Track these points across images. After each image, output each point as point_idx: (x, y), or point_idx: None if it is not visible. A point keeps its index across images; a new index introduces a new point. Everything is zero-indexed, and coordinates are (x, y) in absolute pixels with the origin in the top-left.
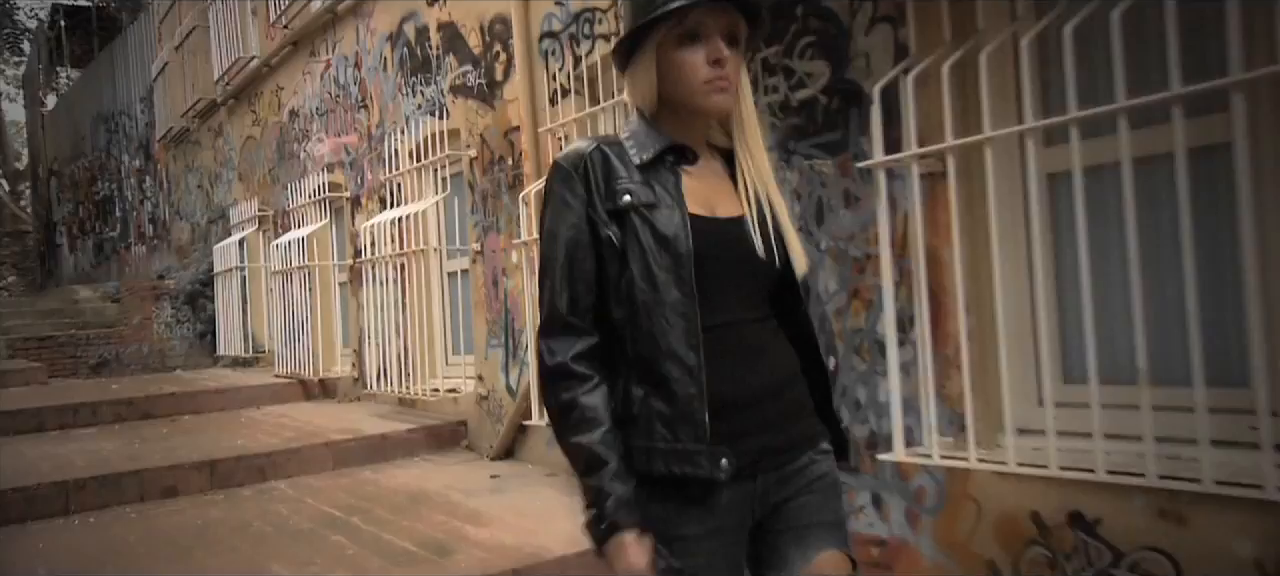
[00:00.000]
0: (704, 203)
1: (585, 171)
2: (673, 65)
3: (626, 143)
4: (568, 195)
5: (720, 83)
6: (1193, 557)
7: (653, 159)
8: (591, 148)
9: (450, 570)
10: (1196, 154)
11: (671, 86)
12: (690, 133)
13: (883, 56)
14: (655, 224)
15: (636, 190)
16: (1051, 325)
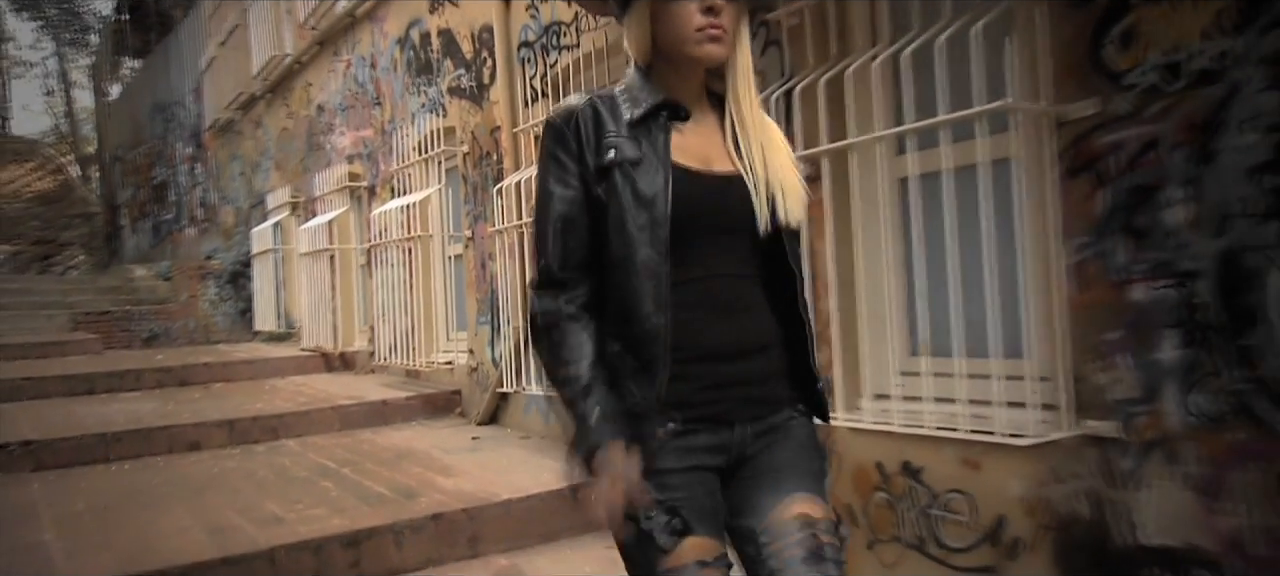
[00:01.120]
0: (697, 156)
1: (576, 127)
2: (666, 13)
3: (620, 96)
4: (560, 152)
5: (712, 31)
6: (985, 496)
7: (644, 115)
8: (583, 103)
9: (411, 509)
10: (997, 165)
11: (665, 36)
12: (686, 84)
13: (774, 76)
14: (636, 182)
15: (623, 146)
16: (899, 306)
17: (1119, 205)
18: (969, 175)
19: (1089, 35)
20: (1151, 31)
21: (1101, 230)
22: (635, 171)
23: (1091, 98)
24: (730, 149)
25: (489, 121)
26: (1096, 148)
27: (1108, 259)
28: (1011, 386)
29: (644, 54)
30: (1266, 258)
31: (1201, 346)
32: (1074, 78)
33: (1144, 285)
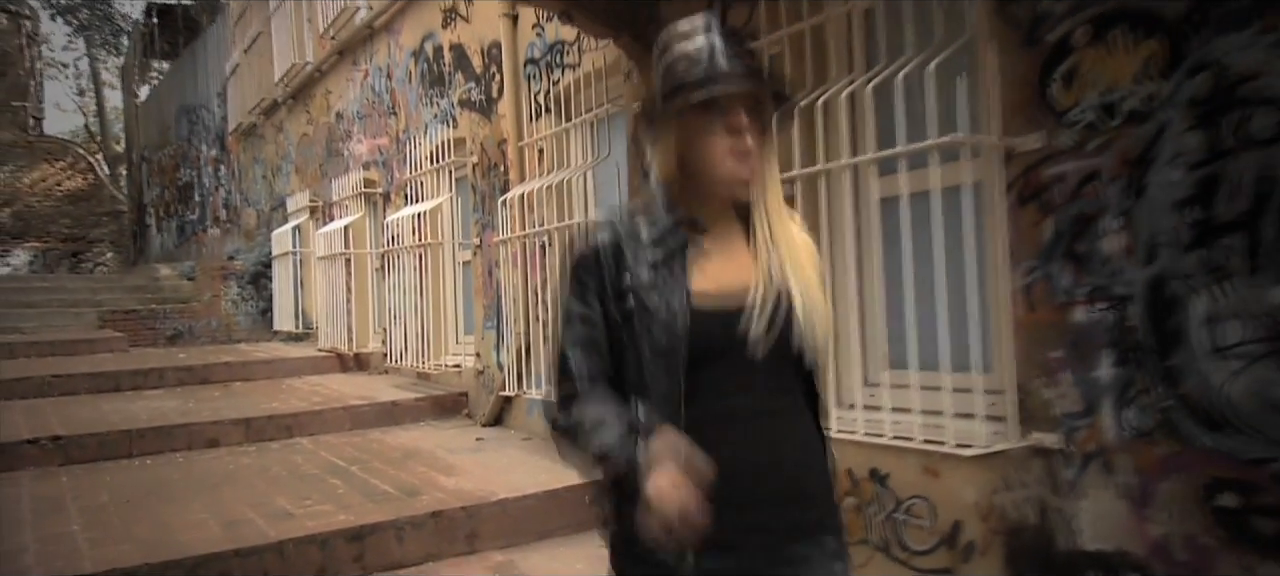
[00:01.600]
0: (716, 280)
1: (597, 259)
2: (692, 135)
3: (641, 217)
4: (583, 277)
5: (738, 152)
6: (943, 502)
7: (661, 235)
8: (606, 232)
9: (413, 507)
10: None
11: (690, 156)
12: (710, 203)
13: None
14: (652, 313)
15: (640, 277)
16: (869, 321)
17: (1063, 232)
18: (927, 201)
19: (1036, 74)
20: (1090, 72)
21: (1047, 255)
22: (651, 302)
23: (1038, 132)
24: (756, 265)
25: (497, 134)
26: (1043, 178)
27: (1053, 282)
28: (964, 399)
29: (670, 173)
30: (1189, 285)
31: (1134, 365)
32: (1023, 113)
33: (1084, 307)
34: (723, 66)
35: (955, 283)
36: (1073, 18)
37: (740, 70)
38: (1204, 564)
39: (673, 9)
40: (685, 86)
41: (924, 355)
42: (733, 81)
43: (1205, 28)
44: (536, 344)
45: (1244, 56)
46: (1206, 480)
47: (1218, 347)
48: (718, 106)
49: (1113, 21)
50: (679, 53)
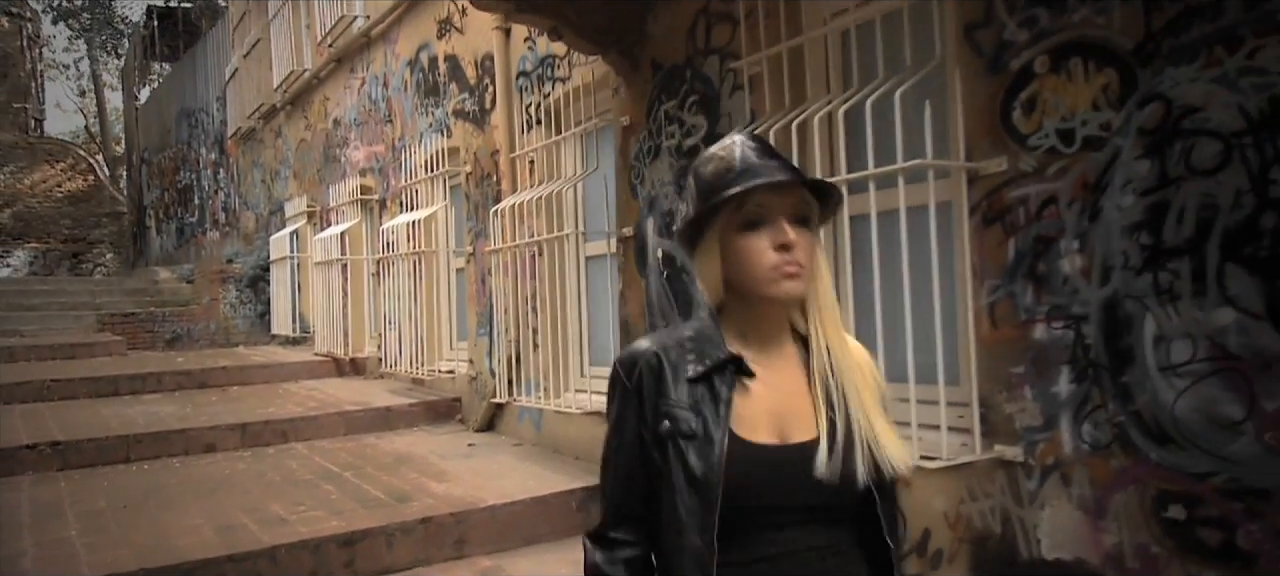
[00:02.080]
0: (771, 421)
1: (639, 382)
2: (737, 252)
3: (687, 346)
4: (624, 401)
5: (788, 268)
6: (914, 511)
7: (707, 372)
8: (649, 354)
9: (403, 513)
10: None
11: (737, 274)
12: (763, 324)
13: (740, 117)
14: (687, 460)
15: (679, 416)
16: None
17: (1024, 253)
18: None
19: (1000, 100)
20: (1050, 100)
21: (1010, 274)
22: (688, 448)
23: (1001, 156)
24: (812, 390)
25: (489, 144)
26: (1006, 201)
27: (1015, 300)
28: (931, 411)
29: (716, 294)
30: (1141, 305)
31: (1090, 382)
32: (987, 137)
33: (1044, 325)
34: (754, 162)
35: (922, 299)
36: (1034, 47)
37: (774, 166)
38: (1153, 572)
39: (659, 26)
40: (718, 189)
41: (893, 369)
42: (765, 175)
43: (1155, 61)
44: (527, 352)
45: (1189, 90)
46: (1156, 492)
47: (1166, 366)
48: (761, 220)
49: (1071, 52)
50: (709, 161)
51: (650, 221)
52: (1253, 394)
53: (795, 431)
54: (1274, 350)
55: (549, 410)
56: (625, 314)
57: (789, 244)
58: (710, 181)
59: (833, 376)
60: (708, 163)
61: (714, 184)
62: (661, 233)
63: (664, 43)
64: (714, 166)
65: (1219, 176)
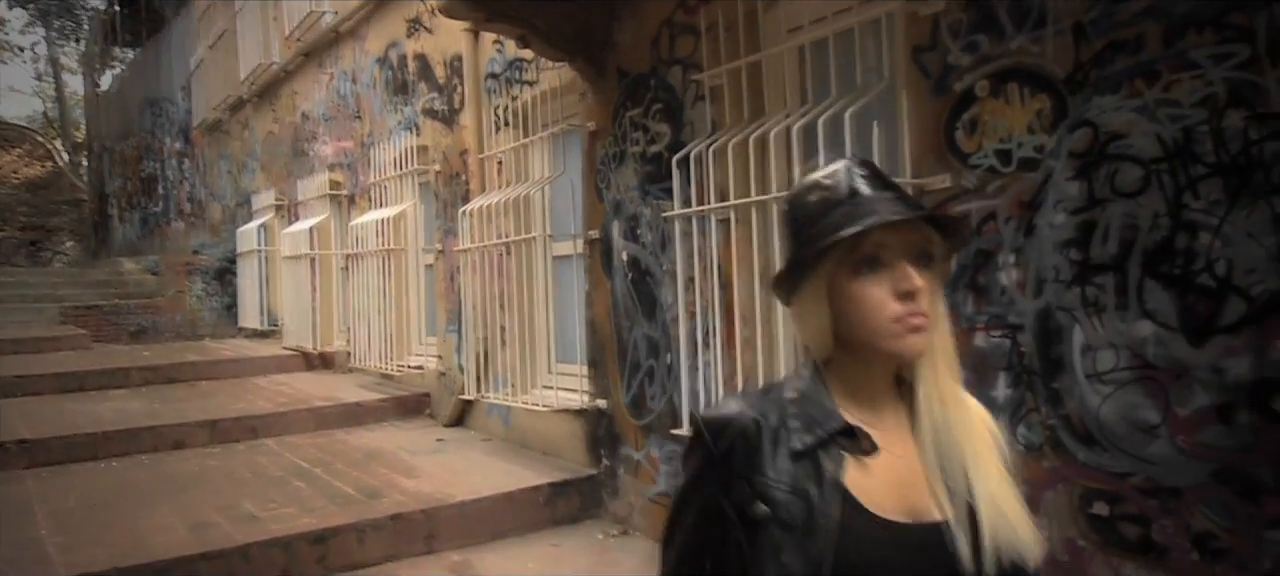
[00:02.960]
0: (895, 493)
1: (728, 450)
2: (850, 300)
3: (789, 410)
4: (705, 468)
5: (914, 320)
6: None
7: (814, 446)
8: (744, 419)
9: (374, 509)
10: None
11: (850, 325)
12: (876, 381)
13: (702, 127)
14: (782, 556)
15: (778, 499)
16: None
17: (966, 265)
18: None
19: (944, 121)
20: (990, 122)
21: (953, 285)
22: (785, 541)
23: (946, 173)
24: (929, 469)
25: (459, 144)
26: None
27: (957, 310)
28: None
29: (823, 348)
30: (1071, 317)
31: (1025, 387)
32: (932, 155)
33: (984, 333)
34: (867, 193)
35: None
36: (975, 71)
37: (890, 198)
38: (1080, 564)
39: (625, 35)
40: (824, 225)
41: None
42: (882, 210)
43: (1084, 89)
44: (496, 349)
45: (1115, 117)
46: (1082, 490)
47: (1092, 373)
48: (879, 262)
49: (1009, 77)
50: (812, 190)
51: (616, 225)
52: (1167, 400)
53: (926, 507)
54: (1186, 360)
55: (517, 406)
56: (592, 314)
57: (914, 291)
58: (815, 215)
59: (950, 441)
60: (810, 192)
61: (820, 219)
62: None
63: (630, 51)
64: (819, 198)
65: (1139, 199)
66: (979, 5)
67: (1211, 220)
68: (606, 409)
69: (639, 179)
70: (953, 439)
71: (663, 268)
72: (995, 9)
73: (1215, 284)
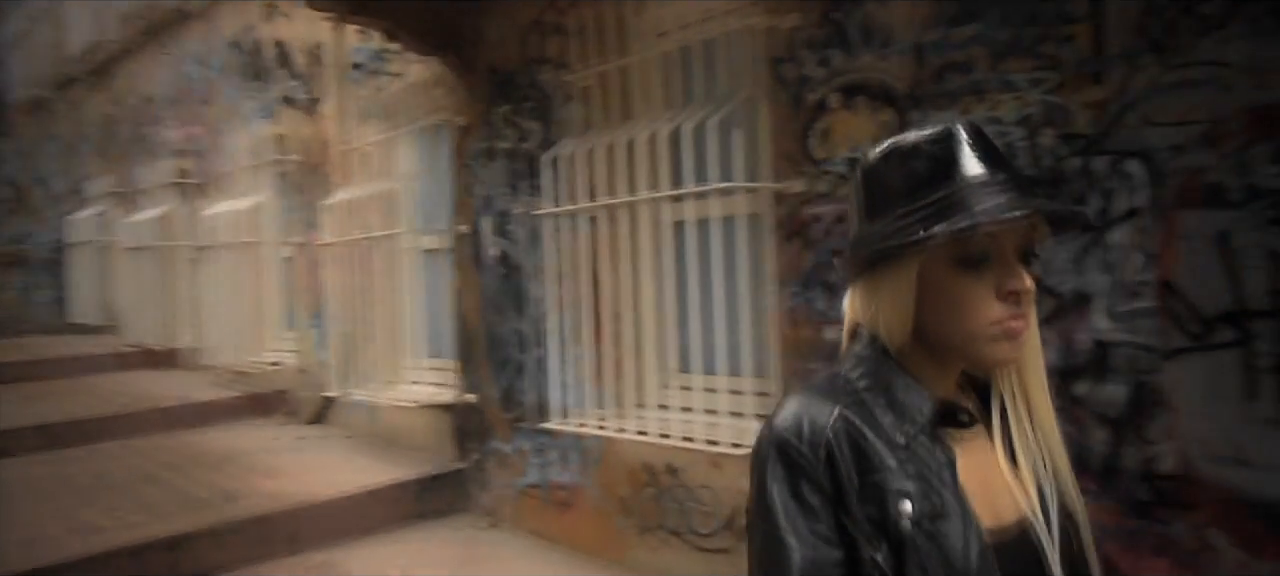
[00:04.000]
0: (980, 496)
1: (829, 458)
2: (946, 296)
3: (871, 400)
4: (805, 490)
5: (1014, 325)
6: (725, 491)
7: (917, 431)
8: (834, 417)
9: (232, 512)
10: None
11: (938, 321)
12: (946, 378)
13: (573, 127)
14: (943, 545)
15: (914, 493)
16: (664, 333)
17: (820, 263)
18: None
19: (801, 129)
20: (840, 131)
21: (807, 282)
22: (937, 529)
23: (801, 178)
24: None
25: (320, 135)
26: (805, 218)
27: (811, 304)
28: (740, 400)
29: (902, 338)
30: None
31: None
32: (790, 161)
33: (835, 327)
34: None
35: (733, 301)
36: (828, 84)
37: (1005, 182)
38: None
39: (494, 32)
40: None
41: (707, 362)
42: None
43: (923, 104)
44: (361, 344)
45: None
46: None
47: None
48: (987, 256)
49: (857, 90)
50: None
51: (486, 221)
52: None
53: (1006, 510)
54: None
55: (383, 402)
56: (462, 309)
57: (1022, 293)
58: (913, 188)
59: (1047, 450)
60: (911, 158)
61: (920, 195)
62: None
63: (500, 48)
64: (922, 169)
65: None
66: (831, 23)
67: None
68: (476, 403)
69: (509, 176)
70: (1049, 445)
71: (533, 264)
72: (846, 27)
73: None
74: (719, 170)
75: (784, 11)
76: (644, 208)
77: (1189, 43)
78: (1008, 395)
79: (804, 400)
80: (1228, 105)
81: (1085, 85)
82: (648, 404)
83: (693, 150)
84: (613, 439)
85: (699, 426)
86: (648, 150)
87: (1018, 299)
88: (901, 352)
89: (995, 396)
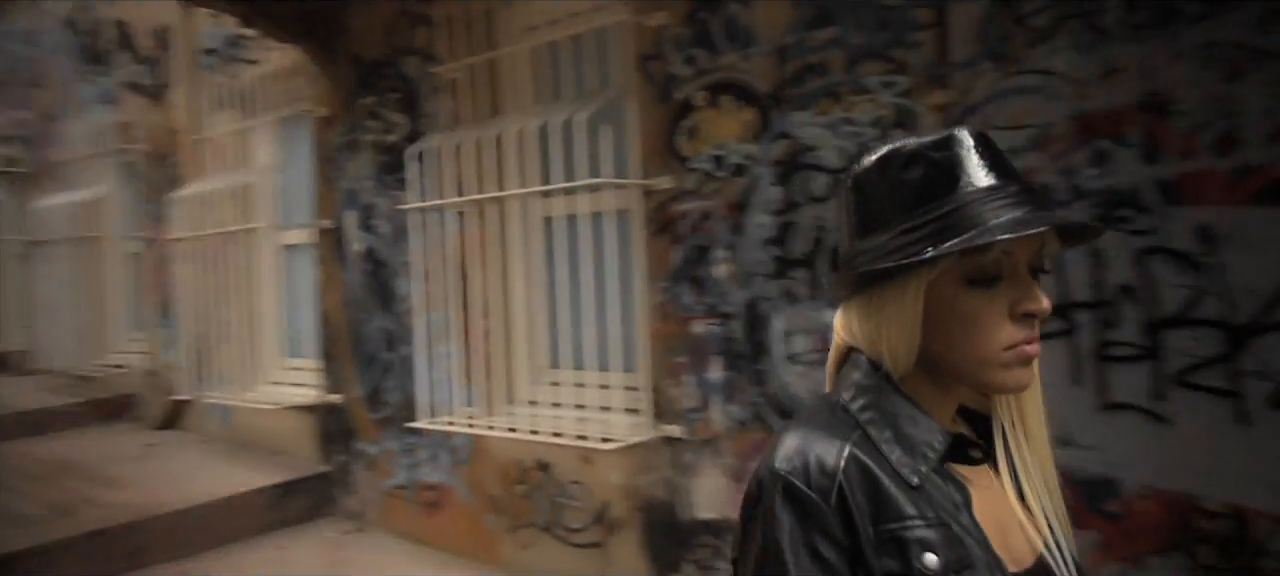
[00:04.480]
0: (995, 539)
1: (841, 503)
2: (955, 316)
3: (877, 434)
4: (820, 544)
5: (1029, 349)
6: (596, 486)
7: (931, 467)
8: (841, 457)
9: (64, 528)
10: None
11: (946, 344)
12: (946, 405)
13: (440, 120)
14: None
15: (936, 542)
16: (535, 328)
17: (687, 259)
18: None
19: (668, 127)
20: (706, 130)
21: (675, 277)
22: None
23: (669, 175)
24: (1018, 508)
25: (169, 123)
26: (673, 214)
27: (679, 300)
28: (609, 395)
29: (907, 363)
30: (773, 306)
31: (735, 370)
32: (658, 158)
33: (702, 322)
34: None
35: (603, 297)
36: (694, 83)
37: (1018, 194)
38: None
39: (358, 21)
40: (931, 213)
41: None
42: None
43: (784, 105)
44: (215, 344)
45: (808, 131)
46: None
47: (790, 356)
48: (1000, 274)
49: (723, 89)
50: (916, 162)
51: (350, 216)
52: None
53: (1021, 551)
54: None
55: (240, 405)
56: (325, 307)
57: (1039, 313)
58: (916, 199)
59: (1048, 492)
60: (911, 165)
61: (923, 207)
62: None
63: (364, 37)
64: (923, 177)
65: (827, 203)
66: (697, 22)
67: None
68: (341, 403)
69: (374, 169)
70: (1046, 484)
71: (399, 260)
72: (711, 27)
73: None
74: (588, 166)
75: (651, 9)
76: (513, 203)
77: (1022, 52)
78: (1008, 424)
79: (805, 436)
80: (1055, 112)
81: (931, 90)
82: (518, 401)
83: (562, 146)
84: (483, 437)
85: (569, 422)
86: (517, 145)
87: (1033, 320)
88: (903, 380)
89: (997, 426)
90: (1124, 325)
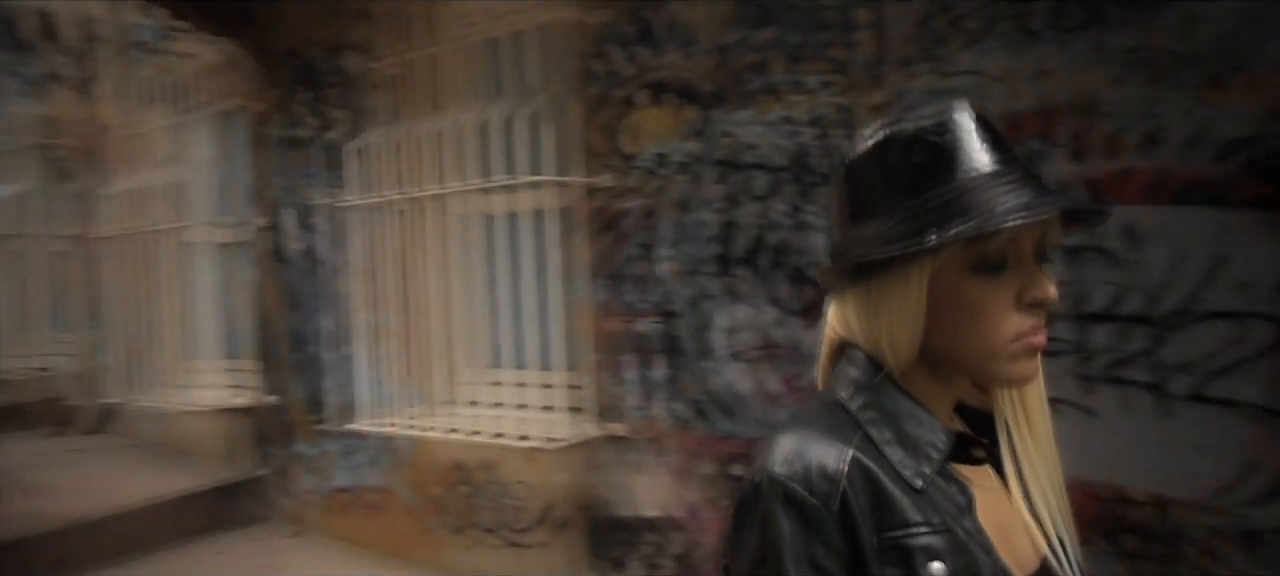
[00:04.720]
0: (1000, 543)
1: (844, 510)
2: (959, 306)
3: (877, 435)
4: (821, 555)
5: (1036, 339)
6: (540, 486)
7: (935, 468)
8: (844, 462)
9: None
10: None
11: (949, 336)
12: (944, 399)
13: (379, 116)
14: None
15: (942, 550)
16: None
17: (631, 257)
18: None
19: (610, 125)
20: (649, 128)
21: (618, 275)
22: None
23: (612, 173)
24: (1023, 508)
25: (96, 117)
26: (614, 211)
27: (622, 298)
28: (551, 394)
29: (908, 356)
30: (715, 304)
31: (679, 367)
32: (600, 156)
33: (645, 319)
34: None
35: (544, 295)
36: (636, 81)
37: (1020, 176)
38: (723, 521)
39: (294, 13)
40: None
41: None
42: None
43: (725, 104)
44: (147, 345)
45: (748, 131)
46: (724, 455)
47: (733, 353)
48: (1005, 262)
49: (665, 88)
50: (914, 147)
51: (288, 213)
52: (789, 374)
53: (1025, 555)
54: (803, 340)
55: (173, 407)
56: (263, 306)
57: (1048, 301)
58: (914, 183)
59: (1049, 493)
60: (910, 148)
61: (922, 190)
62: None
63: (300, 32)
64: (923, 159)
65: (769, 202)
66: (639, 20)
67: (821, 222)
68: (278, 405)
69: (312, 166)
70: (1051, 484)
71: (338, 258)
72: (652, 25)
73: None
74: (529, 163)
75: (593, 7)
76: (453, 200)
77: (955, 53)
78: (1012, 420)
79: (803, 437)
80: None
81: (869, 89)
82: (459, 401)
83: (503, 143)
84: (424, 438)
85: (512, 422)
86: (456, 142)
87: (1040, 309)
88: (902, 375)
89: (1000, 422)
90: (1054, 322)
